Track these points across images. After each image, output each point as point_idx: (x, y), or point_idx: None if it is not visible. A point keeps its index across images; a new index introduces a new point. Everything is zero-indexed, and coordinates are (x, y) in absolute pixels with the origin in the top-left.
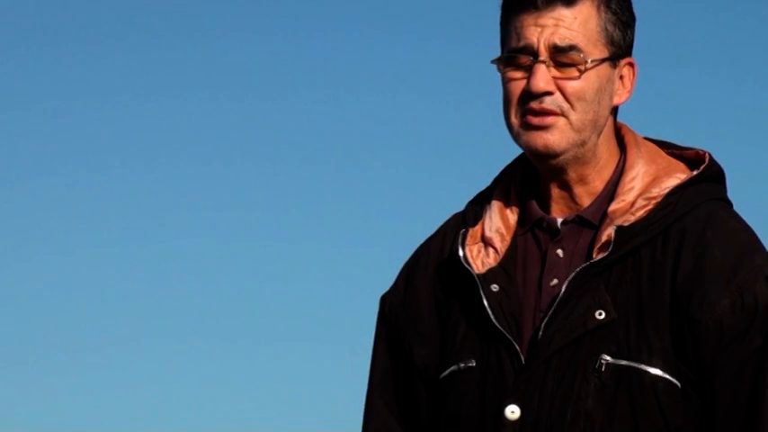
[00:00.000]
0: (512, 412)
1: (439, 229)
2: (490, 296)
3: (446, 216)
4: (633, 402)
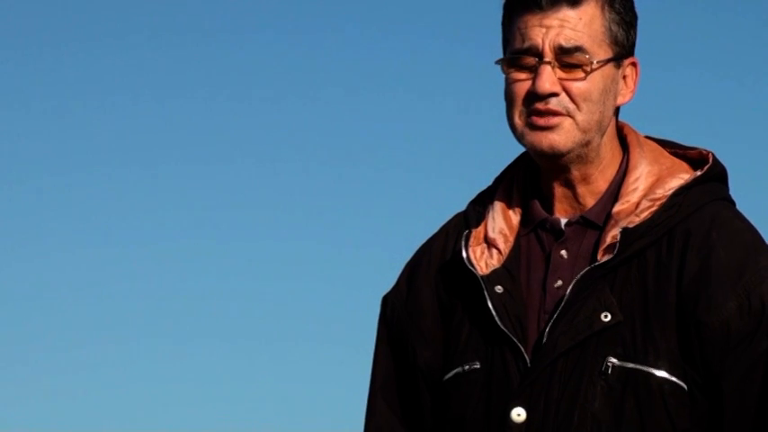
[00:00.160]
0: (518, 415)
1: (441, 230)
2: (494, 298)
3: (447, 216)
4: (640, 405)
